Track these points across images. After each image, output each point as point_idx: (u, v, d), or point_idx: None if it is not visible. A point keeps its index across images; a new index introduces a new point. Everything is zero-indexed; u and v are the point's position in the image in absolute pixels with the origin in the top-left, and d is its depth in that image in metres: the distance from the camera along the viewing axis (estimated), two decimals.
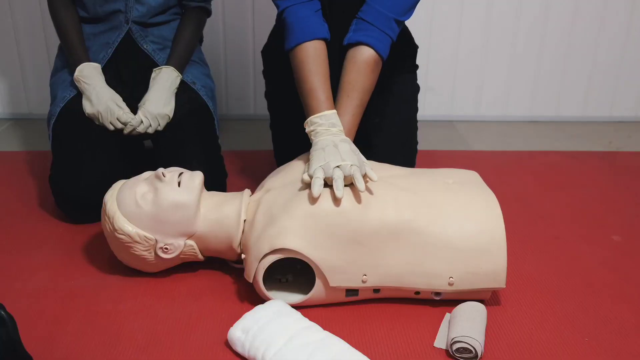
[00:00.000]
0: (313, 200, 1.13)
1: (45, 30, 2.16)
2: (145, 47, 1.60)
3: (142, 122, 1.48)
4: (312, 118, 1.27)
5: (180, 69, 1.59)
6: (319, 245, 1.12)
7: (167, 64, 1.58)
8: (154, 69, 1.56)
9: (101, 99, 1.48)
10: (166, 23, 1.64)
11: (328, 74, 1.32)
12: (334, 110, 1.28)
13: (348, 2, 1.38)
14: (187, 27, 1.64)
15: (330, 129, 1.24)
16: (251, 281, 1.16)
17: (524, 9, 2.21)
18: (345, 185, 1.15)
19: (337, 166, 1.14)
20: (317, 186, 1.12)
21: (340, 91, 1.32)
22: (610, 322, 1.16)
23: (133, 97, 1.54)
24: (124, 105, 1.50)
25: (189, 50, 1.63)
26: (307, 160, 1.26)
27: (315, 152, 1.19)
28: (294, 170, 1.28)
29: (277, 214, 1.15)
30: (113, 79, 1.57)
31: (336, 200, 1.13)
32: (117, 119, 1.47)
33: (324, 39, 1.34)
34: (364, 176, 1.16)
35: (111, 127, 1.49)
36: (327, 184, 1.15)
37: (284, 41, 1.35)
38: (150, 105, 1.49)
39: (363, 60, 1.31)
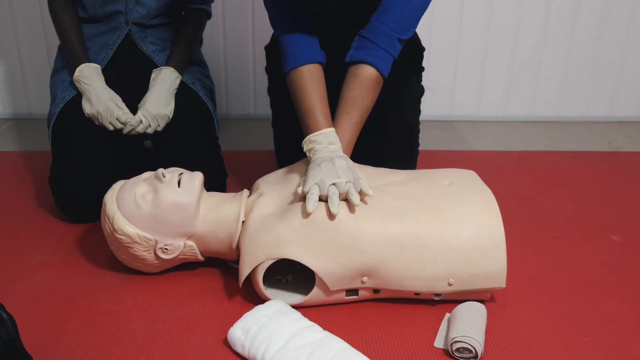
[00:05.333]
0: (307, 215, 1.12)
1: (45, 30, 2.16)
2: (144, 48, 1.60)
3: (141, 122, 1.48)
4: (310, 136, 1.27)
5: (180, 69, 1.59)
6: (316, 253, 1.11)
7: (167, 64, 1.58)
8: (154, 70, 1.56)
9: (100, 99, 1.48)
10: (166, 25, 1.65)
11: (325, 95, 1.32)
12: (332, 129, 1.29)
13: (349, 18, 1.39)
14: (187, 28, 1.64)
15: (328, 147, 1.25)
16: (240, 286, 1.17)
17: (525, 9, 2.21)
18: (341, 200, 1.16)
19: (333, 184, 1.14)
20: (312, 202, 1.12)
21: (340, 107, 1.33)
22: (610, 322, 1.16)
23: (133, 97, 1.54)
24: (123, 105, 1.50)
25: (189, 51, 1.64)
26: (305, 168, 1.26)
27: (311, 169, 1.19)
28: (288, 177, 1.28)
29: (272, 222, 1.15)
30: (113, 79, 1.57)
31: (331, 215, 1.12)
32: (117, 119, 1.48)
33: (319, 63, 1.34)
34: (360, 192, 1.16)
35: (110, 127, 1.49)
36: (322, 200, 1.15)
37: (281, 65, 1.36)
38: (149, 106, 1.49)
39: (365, 78, 1.31)
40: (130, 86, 1.58)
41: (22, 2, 2.13)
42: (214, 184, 1.45)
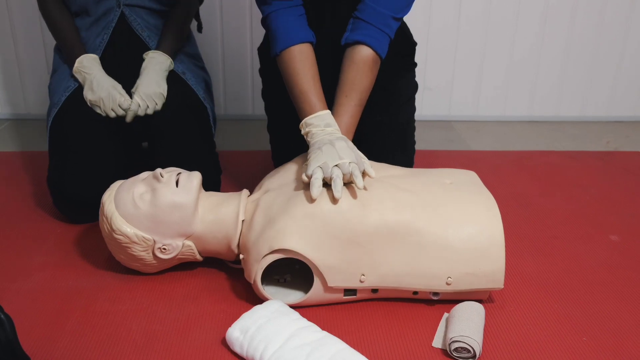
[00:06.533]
0: (312, 200, 1.12)
1: (43, 30, 2.16)
2: (140, 32, 1.61)
3: (139, 105, 1.48)
4: (306, 119, 1.27)
5: (171, 52, 1.59)
6: (317, 246, 1.11)
7: (157, 48, 1.59)
8: (144, 54, 1.57)
9: (102, 86, 1.49)
10: (159, 12, 1.65)
11: (318, 76, 1.32)
12: (328, 111, 1.28)
13: (345, 3, 1.38)
14: (178, 12, 1.65)
15: (325, 129, 1.24)
16: (252, 282, 1.16)
17: (523, 8, 2.21)
18: (344, 184, 1.15)
19: (336, 165, 1.14)
20: (316, 187, 1.12)
21: (339, 91, 1.32)
22: (608, 321, 1.16)
23: (130, 85, 1.54)
24: (124, 92, 1.51)
25: (180, 34, 1.64)
26: (306, 161, 1.26)
27: (312, 153, 1.19)
28: (292, 170, 1.28)
29: (276, 215, 1.15)
30: (112, 66, 1.57)
31: (334, 200, 1.13)
32: (119, 105, 1.48)
33: (310, 42, 1.34)
34: (363, 173, 1.16)
35: (112, 114, 1.49)
36: (327, 183, 1.15)
37: (271, 47, 1.35)
38: (142, 88, 1.50)
39: (361, 59, 1.31)
40: (129, 72, 1.57)
41: (19, 2, 2.12)
42: (208, 181, 1.44)
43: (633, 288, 1.27)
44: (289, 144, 1.43)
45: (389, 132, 1.50)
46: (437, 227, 1.14)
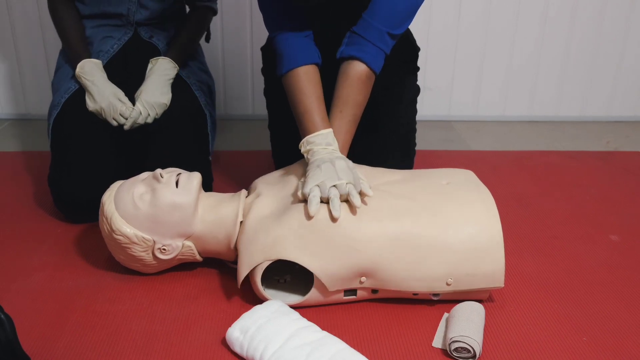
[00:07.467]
0: (309, 217, 1.12)
1: (43, 29, 2.16)
2: (148, 38, 1.62)
3: (140, 113, 1.48)
4: (308, 138, 1.27)
5: (178, 61, 1.59)
6: (314, 254, 1.11)
7: (166, 55, 1.59)
8: (151, 60, 1.56)
9: (103, 95, 1.48)
10: (172, 21, 1.66)
11: (322, 96, 1.32)
12: (330, 129, 1.28)
13: (342, 14, 1.39)
14: (190, 22, 1.66)
15: (326, 148, 1.24)
16: (239, 287, 1.16)
17: (523, 9, 2.21)
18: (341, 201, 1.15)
19: (334, 185, 1.14)
20: (314, 204, 1.12)
21: (333, 106, 1.33)
22: (608, 321, 1.16)
23: (136, 88, 1.54)
24: (126, 99, 1.49)
25: (190, 44, 1.64)
26: (303, 169, 1.26)
27: (311, 170, 1.19)
28: (287, 178, 1.28)
29: (271, 223, 1.15)
30: (119, 69, 1.57)
31: (333, 219, 1.12)
32: (121, 114, 1.47)
33: (315, 64, 1.34)
34: (360, 193, 1.16)
35: (114, 123, 1.48)
36: (323, 201, 1.15)
37: (276, 67, 1.36)
38: (146, 95, 1.49)
39: (355, 74, 1.31)
40: (137, 75, 1.57)
41: (19, 2, 2.12)
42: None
43: (633, 288, 1.27)
44: (290, 142, 1.43)
45: (389, 133, 1.50)
46: (436, 229, 1.14)
